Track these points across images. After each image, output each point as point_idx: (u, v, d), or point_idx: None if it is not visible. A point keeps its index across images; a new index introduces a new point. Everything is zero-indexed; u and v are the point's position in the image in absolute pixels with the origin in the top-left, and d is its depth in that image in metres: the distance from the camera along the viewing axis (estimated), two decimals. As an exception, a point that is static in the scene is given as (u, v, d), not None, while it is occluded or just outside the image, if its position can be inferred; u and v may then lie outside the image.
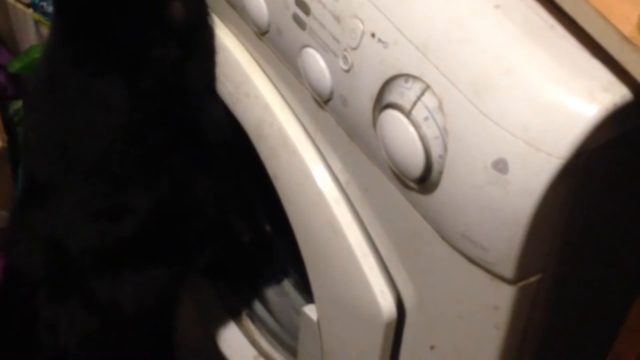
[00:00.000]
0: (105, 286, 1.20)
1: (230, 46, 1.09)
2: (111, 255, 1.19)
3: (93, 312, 1.21)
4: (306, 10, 0.90)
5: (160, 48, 1.11)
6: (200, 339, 1.49)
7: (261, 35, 1.01)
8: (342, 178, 0.98)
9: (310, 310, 1.12)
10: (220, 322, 1.46)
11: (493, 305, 0.83)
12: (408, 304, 0.96)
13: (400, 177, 0.85)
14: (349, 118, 0.90)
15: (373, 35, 0.82)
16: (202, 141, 1.18)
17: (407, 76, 0.80)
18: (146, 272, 1.21)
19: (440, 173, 0.79)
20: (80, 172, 1.16)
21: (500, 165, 0.74)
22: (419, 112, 0.79)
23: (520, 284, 0.81)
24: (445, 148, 0.78)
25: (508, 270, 0.79)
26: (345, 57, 0.86)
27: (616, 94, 0.71)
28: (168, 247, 1.22)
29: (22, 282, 1.25)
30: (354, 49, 0.85)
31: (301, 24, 0.91)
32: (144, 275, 1.21)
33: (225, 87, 1.11)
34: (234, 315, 1.45)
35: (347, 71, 0.86)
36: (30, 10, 1.78)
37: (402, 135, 0.80)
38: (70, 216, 1.18)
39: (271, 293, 1.42)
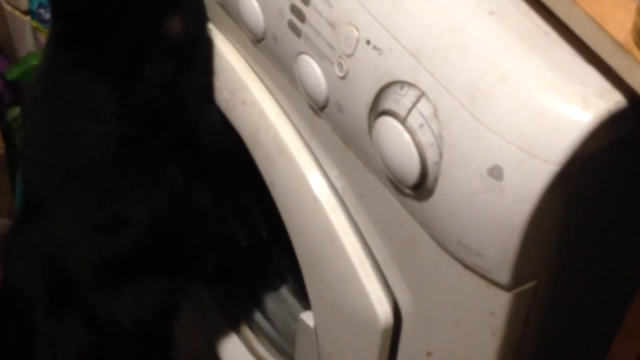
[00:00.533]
0: (104, 301, 1.20)
1: (226, 53, 1.09)
2: (110, 269, 1.18)
3: (91, 327, 1.21)
4: (301, 17, 0.90)
5: (154, 62, 1.10)
6: (199, 347, 1.49)
7: (257, 43, 1.01)
8: (338, 185, 0.98)
9: (307, 317, 1.12)
10: (218, 329, 1.46)
11: (489, 311, 0.83)
12: (404, 310, 0.96)
13: (396, 183, 0.85)
14: (344, 125, 0.90)
15: (368, 42, 0.82)
16: (199, 151, 1.18)
17: (402, 83, 0.80)
18: (145, 286, 1.20)
19: (436, 180, 0.79)
20: (76, 183, 1.16)
21: (496, 172, 0.74)
22: (414, 119, 0.79)
23: (516, 290, 0.81)
24: (440, 155, 0.78)
25: (504, 276, 0.79)
26: (340, 64, 0.86)
27: (610, 100, 0.71)
28: (167, 260, 1.21)
29: (19, 299, 1.25)
30: (349, 56, 0.85)
31: (297, 31, 0.91)
32: (143, 289, 1.20)
33: (222, 94, 1.11)
34: (232, 323, 1.44)
35: (343, 78, 0.86)
36: (27, 18, 1.78)
37: (398, 142, 0.81)
38: (69, 230, 1.18)
39: (269, 300, 1.42)
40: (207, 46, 1.12)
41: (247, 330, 1.43)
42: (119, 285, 1.19)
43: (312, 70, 0.91)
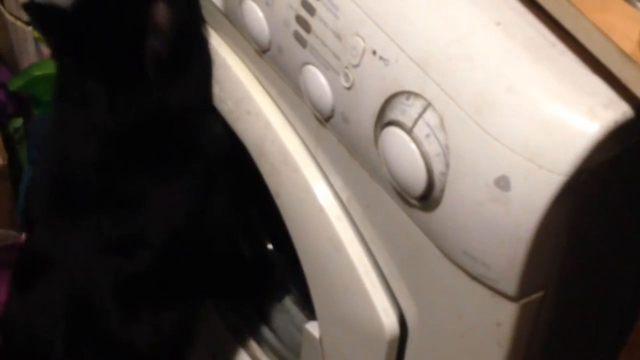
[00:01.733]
0: (122, 329, 1.19)
1: (231, 64, 1.09)
2: (127, 293, 1.18)
3: (108, 355, 1.21)
4: (307, 28, 0.90)
5: (144, 59, 1.09)
6: (204, 357, 1.49)
7: (262, 53, 1.01)
8: (344, 195, 0.98)
9: (313, 327, 1.11)
10: (222, 341, 1.46)
11: (495, 322, 0.83)
12: (410, 320, 0.96)
13: (402, 194, 0.85)
14: (350, 135, 0.90)
15: (374, 52, 0.83)
16: (208, 161, 1.17)
17: (409, 93, 0.80)
18: (162, 309, 1.20)
19: (442, 190, 0.79)
20: (82, 200, 1.16)
21: (502, 183, 0.74)
22: (420, 130, 0.79)
23: (523, 300, 0.80)
24: (447, 165, 0.78)
25: (510, 287, 0.79)
26: (346, 75, 0.86)
27: (617, 111, 0.71)
28: (183, 280, 1.21)
29: (32, 344, 1.25)
30: (355, 66, 0.85)
31: (302, 42, 0.92)
32: (161, 313, 1.19)
33: (226, 104, 1.11)
34: (236, 334, 1.44)
35: (349, 88, 0.86)
36: (30, 28, 1.79)
37: (404, 152, 0.81)
38: (83, 254, 1.17)
39: (272, 310, 1.42)
40: (200, 37, 1.12)
41: (251, 341, 1.43)
42: (137, 311, 1.18)
43: (318, 81, 0.91)
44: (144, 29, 1.08)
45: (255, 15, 0.98)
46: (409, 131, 0.80)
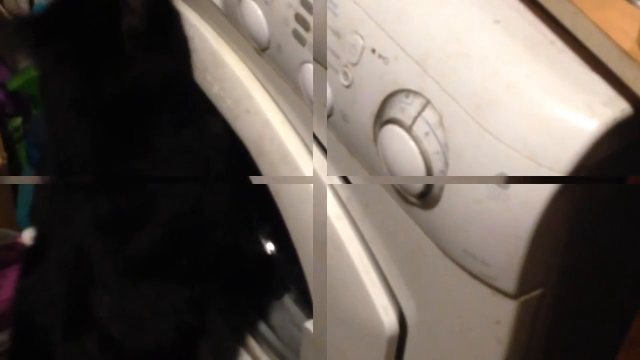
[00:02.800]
0: (119, 319, 1.19)
1: (231, 62, 1.09)
2: (126, 276, 1.18)
3: (108, 348, 1.21)
4: (306, 26, 0.90)
5: (122, 33, 1.10)
6: (203, 356, 1.49)
7: (261, 52, 1.01)
8: (343, 194, 0.98)
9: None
10: (221, 339, 1.46)
11: (495, 319, 0.83)
12: (410, 318, 0.96)
13: (401, 192, 0.85)
14: (349, 133, 0.90)
15: (373, 50, 0.83)
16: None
17: (408, 91, 0.80)
18: (165, 294, 1.20)
19: (442, 188, 0.79)
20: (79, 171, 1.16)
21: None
22: (419, 128, 0.79)
23: (522, 298, 0.81)
24: (446, 163, 0.78)
25: (509, 284, 0.79)
26: (345, 73, 0.86)
27: (616, 108, 0.71)
28: (183, 271, 1.21)
29: (36, 331, 1.25)
30: (354, 64, 0.85)
31: (301, 40, 0.92)
32: (162, 298, 1.20)
33: (226, 103, 1.11)
34: (235, 332, 1.44)
35: (348, 87, 0.86)
36: (29, 28, 1.78)
37: (403, 150, 0.81)
38: (84, 236, 1.17)
39: (272, 309, 1.42)
40: (174, 17, 1.13)
41: (250, 340, 1.43)
42: (136, 294, 1.19)
43: (317, 79, 0.91)
44: (118, 9, 1.10)
45: (255, 14, 0.98)
46: (408, 129, 0.80)
